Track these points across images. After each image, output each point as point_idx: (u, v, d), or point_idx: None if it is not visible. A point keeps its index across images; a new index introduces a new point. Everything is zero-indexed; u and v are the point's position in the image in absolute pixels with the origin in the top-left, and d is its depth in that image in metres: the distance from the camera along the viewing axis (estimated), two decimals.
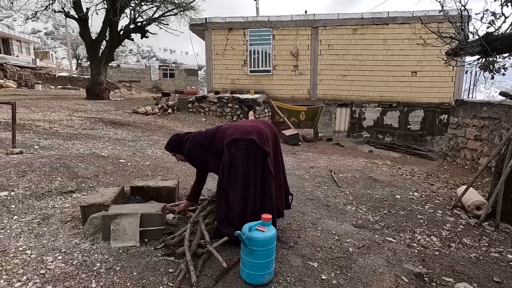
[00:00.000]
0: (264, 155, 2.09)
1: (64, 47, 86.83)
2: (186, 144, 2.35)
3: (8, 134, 5.06)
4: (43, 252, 1.95)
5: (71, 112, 8.72)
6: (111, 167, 3.84)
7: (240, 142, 2.09)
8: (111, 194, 2.56)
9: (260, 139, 2.08)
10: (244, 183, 2.07)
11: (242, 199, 2.08)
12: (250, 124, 2.22)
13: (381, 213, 3.46)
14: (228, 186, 2.13)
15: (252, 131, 2.10)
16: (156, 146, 5.99)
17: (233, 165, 2.10)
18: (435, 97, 12.00)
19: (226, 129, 2.24)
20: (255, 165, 2.08)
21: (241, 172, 2.07)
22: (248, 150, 2.07)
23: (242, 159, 2.07)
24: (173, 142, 2.45)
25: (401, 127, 12.46)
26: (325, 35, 12.43)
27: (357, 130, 12.80)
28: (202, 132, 2.39)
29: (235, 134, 2.12)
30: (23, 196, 2.77)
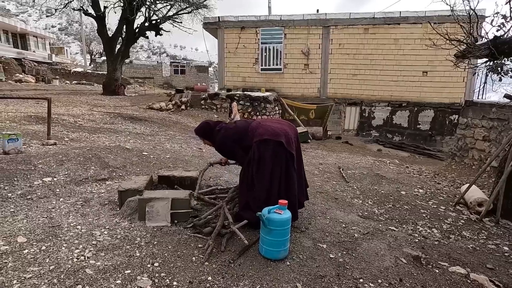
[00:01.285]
0: (290, 157, 2.37)
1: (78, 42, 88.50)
2: (218, 135, 2.62)
3: (40, 126, 5.48)
4: (91, 228, 2.29)
5: (91, 107, 9.16)
6: (136, 158, 4.18)
7: (269, 142, 2.36)
8: (143, 181, 2.89)
9: (287, 141, 2.36)
10: (270, 178, 2.36)
11: (266, 191, 2.37)
12: (278, 126, 2.48)
13: (386, 207, 3.70)
14: (256, 179, 2.42)
15: (280, 134, 2.38)
16: (173, 141, 6.33)
17: (261, 161, 2.38)
18: (446, 97, 12.02)
19: (256, 127, 2.51)
20: (280, 164, 2.36)
21: (267, 169, 2.36)
22: (276, 150, 2.35)
23: (270, 157, 2.35)
24: (204, 129, 2.72)
25: (411, 126, 12.53)
26: (336, 35, 12.57)
27: (366, 129, 12.93)
28: (233, 126, 2.66)
29: (265, 134, 2.40)
30: (64, 182, 3.12)
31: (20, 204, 2.57)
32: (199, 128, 2.75)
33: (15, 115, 6.15)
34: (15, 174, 3.06)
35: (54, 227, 2.24)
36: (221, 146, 2.65)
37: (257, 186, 2.41)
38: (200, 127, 2.75)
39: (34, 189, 2.89)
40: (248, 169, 2.49)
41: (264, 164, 2.38)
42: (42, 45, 32.28)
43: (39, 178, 3.10)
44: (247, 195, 2.49)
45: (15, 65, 20.84)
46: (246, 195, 2.49)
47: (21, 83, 16.87)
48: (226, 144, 2.61)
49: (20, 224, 2.23)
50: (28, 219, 2.33)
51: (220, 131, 2.64)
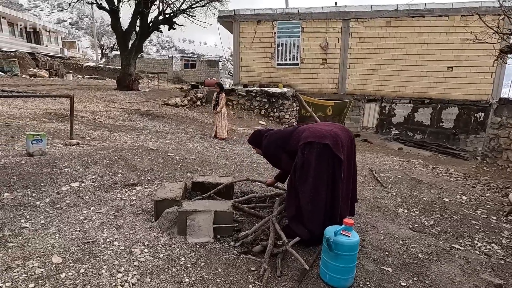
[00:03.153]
0: (337, 161, 2.09)
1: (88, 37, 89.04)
2: (264, 141, 2.44)
3: (61, 124, 5.32)
4: (129, 244, 2.06)
5: (107, 103, 9.02)
6: (162, 160, 3.97)
7: (314, 145, 2.10)
8: (178, 189, 2.65)
9: (334, 144, 2.08)
10: (315, 185, 2.09)
11: (312, 200, 2.11)
12: (327, 128, 2.21)
13: (434, 217, 3.40)
14: (299, 186, 2.16)
15: (327, 136, 2.10)
16: (194, 140, 6.12)
17: (305, 167, 2.12)
18: (472, 94, 11.46)
19: (303, 131, 2.26)
20: (327, 169, 2.08)
21: (312, 175, 2.09)
22: (321, 154, 2.08)
23: (314, 162, 2.08)
24: (255, 138, 2.59)
25: (433, 124, 12.03)
26: (356, 28, 12.08)
27: (386, 127, 12.49)
28: (280, 131, 2.47)
29: (310, 137, 2.13)
30: (93, 188, 2.92)
31: (50, 214, 2.37)
32: (252, 137, 2.64)
33: (34, 112, 6.02)
34: (41, 178, 2.87)
35: (90, 243, 2.03)
36: (266, 151, 2.47)
37: (301, 195, 2.15)
38: (252, 136, 2.64)
39: (63, 196, 2.69)
40: (294, 176, 2.23)
41: (308, 170, 2.12)
42: (55, 40, 32.44)
43: (67, 183, 2.91)
44: (295, 206, 2.23)
45: (29, 59, 20.96)
46: (294, 206, 2.24)
47: (36, 77, 16.92)
48: (270, 150, 2.41)
49: (53, 239, 2.02)
50: (61, 233, 2.12)
51: (266, 137, 2.42)
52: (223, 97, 6.87)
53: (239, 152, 5.56)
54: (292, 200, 2.24)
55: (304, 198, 2.13)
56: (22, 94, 3.84)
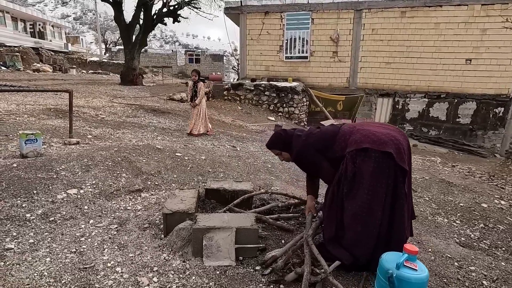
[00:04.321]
0: (401, 174, 1.69)
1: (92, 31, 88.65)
2: (297, 143, 1.96)
3: (61, 121, 4.97)
4: (134, 270, 1.70)
5: (111, 98, 8.67)
6: (170, 161, 3.59)
7: (371, 153, 1.69)
8: (191, 198, 2.28)
9: (398, 153, 1.66)
10: (368, 202, 1.69)
11: (363, 220, 1.71)
12: (382, 130, 1.78)
13: (478, 227, 2.99)
14: (346, 202, 1.77)
15: (388, 142, 1.69)
16: (202, 137, 5.74)
17: (358, 180, 1.71)
18: (491, 88, 10.89)
19: (350, 132, 1.84)
20: (386, 184, 1.67)
21: (365, 189, 1.69)
22: (381, 165, 1.67)
23: (371, 174, 1.68)
24: (281, 140, 2.05)
25: (449, 120, 11.50)
26: (369, 19, 11.52)
27: (399, 122, 11.98)
28: (317, 131, 1.98)
29: (364, 142, 1.72)
30: (92, 195, 2.56)
31: (41, 230, 2.01)
32: (275, 139, 2.09)
33: (34, 108, 5.68)
34: (34, 185, 2.52)
35: (87, 269, 1.67)
36: (301, 156, 1.96)
37: (348, 213, 1.76)
38: (275, 139, 2.09)
39: (58, 206, 2.33)
40: (338, 189, 1.83)
41: (361, 183, 1.72)
42: (58, 35, 32.15)
43: (63, 190, 2.55)
44: (336, 225, 1.84)
45: (33, 54, 20.69)
46: (335, 225, 1.84)
47: (39, 72, 16.64)
48: (307, 155, 1.93)
49: (42, 265, 1.66)
50: (53, 256, 1.76)
51: (300, 137, 1.97)
52: (202, 87, 5.96)
53: (251, 151, 5.17)
54: (333, 218, 1.84)
55: (352, 217, 1.73)
56: (17, 88, 3.49)
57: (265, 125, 8.93)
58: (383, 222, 1.72)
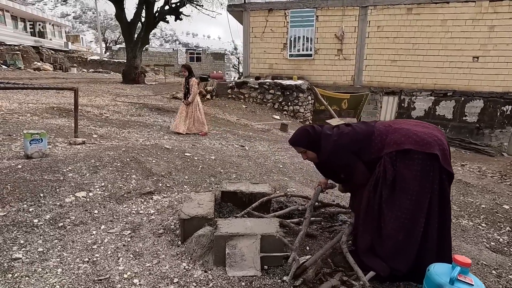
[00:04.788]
0: (448, 178, 1.55)
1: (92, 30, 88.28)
2: (328, 143, 1.78)
3: (65, 120, 4.83)
4: (153, 282, 1.56)
5: (114, 96, 8.52)
6: (179, 162, 3.46)
7: (414, 155, 1.54)
8: (208, 202, 2.14)
9: (443, 154, 1.52)
10: (411, 209, 1.55)
11: (407, 230, 1.57)
12: (422, 129, 1.63)
13: (505, 231, 2.86)
14: (387, 210, 1.62)
15: (432, 142, 1.54)
16: (209, 137, 5.60)
17: (399, 184, 1.57)
18: (499, 86, 10.74)
19: (387, 132, 1.69)
20: (431, 189, 1.53)
21: (410, 196, 1.55)
22: (425, 168, 1.53)
23: (414, 178, 1.54)
24: (308, 137, 1.85)
25: (456, 118, 11.35)
26: (374, 16, 11.35)
27: None
28: (349, 131, 1.79)
29: (405, 142, 1.58)
30: (102, 198, 2.42)
31: (50, 237, 1.88)
32: (300, 136, 1.89)
33: (36, 106, 5.53)
34: (41, 187, 2.38)
35: (102, 281, 1.53)
36: (332, 158, 1.78)
37: (387, 221, 1.62)
38: (301, 135, 1.89)
39: (66, 210, 2.19)
40: (374, 194, 1.69)
41: (403, 189, 1.58)
42: (58, 33, 31.98)
43: (71, 192, 2.41)
44: (372, 234, 1.70)
45: (33, 53, 20.53)
46: (371, 232, 1.70)
47: (40, 71, 16.48)
48: (340, 156, 1.76)
49: (54, 277, 1.53)
50: (64, 266, 1.63)
51: (330, 136, 1.80)
52: (194, 83, 5.43)
53: (260, 151, 5.04)
54: (369, 226, 1.70)
55: (393, 226, 1.59)
56: (20, 86, 3.35)
57: (270, 124, 8.79)
58: (429, 231, 1.58)
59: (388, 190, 1.64)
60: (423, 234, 1.58)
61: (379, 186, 1.68)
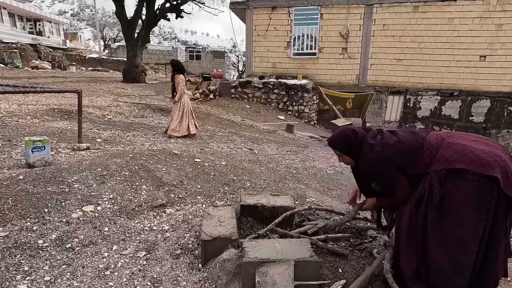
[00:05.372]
0: (505, 205, 1.36)
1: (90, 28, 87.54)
2: (371, 152, 1.60)
3: (66, 123, 4.62)
4: None
5: (115, 96, 8.31)
6: (190, 169, 3.27)
7: (468, 176, 1.36)
8: (230, 220, 1.96)
9: (505, 178, 1.33)
10: (462, 237, 1.38)
11: (455, 259, 1.40)
12: (481, 146, 1.44)
13: None
14: (433, 233, 1.45)
15: (492, 163, 1.34)
16: (216, 139, 5.41)
17: (447, 206, 1.40)
18: (506, 85, 10.59)
19: (438, 145, 1.51)
20: (486, 214, 1.36)
21: (460, 221, 1.37)
22: (482, 192, 1.34)
23: (465, 202, 1.36)
24: (348, 142, 1.69)
25: (462, 118, 11.20)
26: (380, 14, 11.16)
27: (410, 121, 11.68)
28: (395, 142, 1.60)
29: (458, 160, 1.39)
30: (112, 213, 2.23)
31: (57, 262, 1.69)
32: (340, 139, 1.73)
33: (36, 108, 5.33)
34: (45, 201, 2.19)
35: None
36: (371, 169, 1.62)
37: (433, 246, 1.45)
38: (340, 138, 1.73)
39: (74, 227, 2.00)
40: (417, 214, 1.51)
41: (453, 212, 1.40)
42: (56, 31, 31.58)
43: (78, 206, 2.22)
44: (416, 257, 1.52)
45: (31, 51, 20.23)
46: (415, 257, 1.53)
47: (38, 69, 16.21)
48: (381, 168, 1.58)
49: None
50: None
51: (373, 147, 1.62)
52: (182, 80, 4.86)
53: (270, 154, 4.85)
54: (413, 248, 1.53)
55: (440, 252, 1.41)
56: (22, 90, 3.15)
57: (275, 124, 8.61)
58: (477, 259, 1.42)
59: (434, 211, 1.46)
60: (474, 262, 1.41)
61: (422, 205, 1.50)
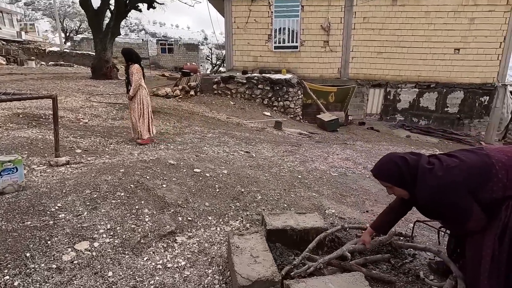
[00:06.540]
0: None
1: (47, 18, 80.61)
2: (430, 180, 1.38)
3: (36, 132, 3.99)
4: None
5: (87, 96, 7.53)
6: (192, 182, 2.90)
7: None
8: (264, 254, 1.65)
9: None
10: None
11: None
12: None
13: None
14: None
15: None
16: (206, 141, 5.01)
17: None
18: (478, 77, 11.09)
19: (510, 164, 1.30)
20: None
21: None
22: None
23: None
24: (401, 173, 1.47)
25: (438, 109, 11.62)
26: (360, 7, 11.14)
27: (390, 113, 11.92)
28: (457, 163, 1.38)
29: None
30: (113, 250, 1.83)
31: None
32: (391, 170, 1.50)
33: None
34: (25, 241, 1.74)
35: None
36: (436, 197, 1.38)
37: None
38: (392, 170, 1.49)
39: (68, 276, 1.59)
40: (501, 247, 1.31)
41: None
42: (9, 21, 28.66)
43: (69, 245, 1.80)
44: None
45: None
46: None
47: None
48: (449, 195, 1.36)
49: None
50: None
51: (432, 172, 1.39)
52: (136, 70, 4.08)
53: (268, 157, 4.57)
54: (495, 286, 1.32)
55: None
56: None
57: (262, 121, 8.31)
58: None
59: None
60: None
61: (507, 236, 1.30)
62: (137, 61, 4.26)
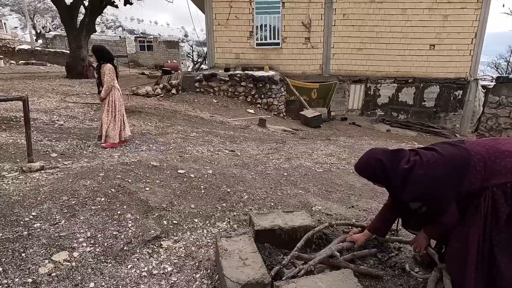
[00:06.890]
0: None
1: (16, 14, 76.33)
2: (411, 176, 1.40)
3: (5, 136, 3.75)
4: None
5: (62, 96, 7.19)
6: (176, 184, 2.82)
7: None
8: (254, 255, 1.63)
9: None
10: None
11: None
12: None
13: None
14: (503, 259, 1.29)
15: None
16: (189, 141, 4.92)
17: None
18: (452, 72, 11.55)
19: (493, 155, 1.34)
20: None
21: None
22: None
23: None
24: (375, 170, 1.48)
25: (416, 104, 12.01)
26: (340, 3, 11.27)
27: (371, 108, 12.20)
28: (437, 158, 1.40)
29: None
30: (94, 259, 1.74)
31: None
32: (366, 166, 1.52)
33: None
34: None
35: None
36: (420, 193, 1.41)
37: (508, 272, 1.30)
38: (367, 165, 1.52)
39: None
40: (484, 238, 1.35)
41: None
42: None
43: (46, 256, 1.70)
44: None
45: None
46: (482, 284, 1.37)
47: None
48: (432, 190, 1.39)
49: None
50: None
51: (413, 169, 1.41)
52: (109, 70, 3.87)
53: (253, 155, 4.54)
54: (480, 280, 1.36)
55: None
56: None
57: (246, 119, 8.27)
58: None
59: (502, 232, 1.31)
60: None
61: (487, 227, 1.34)
62: (109, 59, 4.02)
